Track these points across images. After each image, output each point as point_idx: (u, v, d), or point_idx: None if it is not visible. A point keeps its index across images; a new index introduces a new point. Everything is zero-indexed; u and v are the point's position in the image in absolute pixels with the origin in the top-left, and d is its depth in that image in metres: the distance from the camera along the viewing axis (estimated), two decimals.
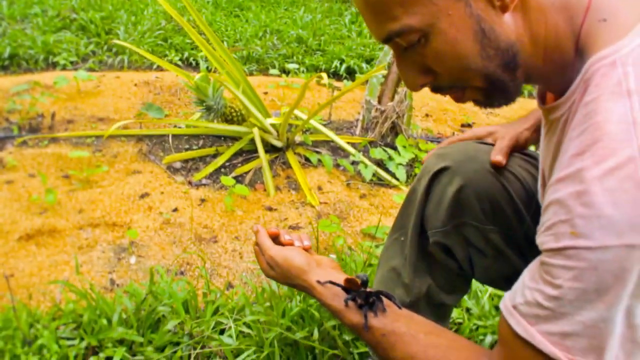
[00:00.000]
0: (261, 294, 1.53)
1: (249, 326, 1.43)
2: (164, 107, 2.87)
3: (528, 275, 0.69)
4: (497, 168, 0.98)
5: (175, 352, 1.37)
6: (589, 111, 0.64)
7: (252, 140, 2.47)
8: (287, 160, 2.46)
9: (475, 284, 1.63)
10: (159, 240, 1.92)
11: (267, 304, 1.47)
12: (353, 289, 0.91)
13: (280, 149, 2.52)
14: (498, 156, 0.99)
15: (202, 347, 1.40)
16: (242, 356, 1.32)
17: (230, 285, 1.74)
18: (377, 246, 1.85)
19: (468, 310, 1.56)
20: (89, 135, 2.56)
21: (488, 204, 0.97)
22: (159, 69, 3.54)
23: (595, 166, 0.60)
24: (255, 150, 2.42)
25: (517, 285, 0.71)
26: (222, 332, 1.44)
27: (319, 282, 0.95)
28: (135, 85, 3.13)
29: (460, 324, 1.51)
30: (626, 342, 0.63)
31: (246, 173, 2.37)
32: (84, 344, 1.37)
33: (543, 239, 0.66)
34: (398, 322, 0.86)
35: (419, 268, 1.08)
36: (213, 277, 1.77)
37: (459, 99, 0.78)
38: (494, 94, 0.76)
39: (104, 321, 1.40)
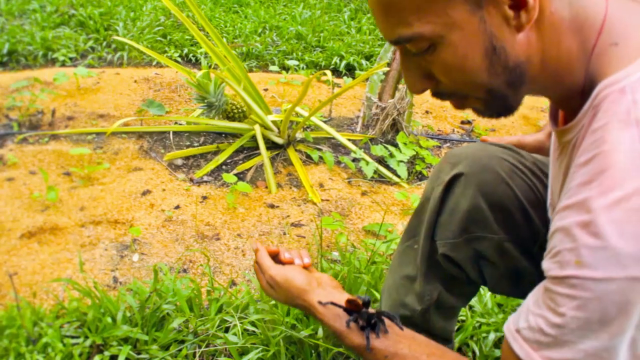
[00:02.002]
0: None
1: (253, 324, 1.43)
2: (164, 104, 2.86)
3: (532, 300, 0.69)
4: (511, 176, 0.98)
5: (180, 350, 1.38)
6: (597, 139, 0.63)
7: (253, 137, 2.46)
8: (288, 157, 2.46)
9: None
10: (161, 238, 1.92)
11: (272, 302, 1.47)
12: (355, 310, 0.91)
13: (281, 146, 2.52)
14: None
15: (207, 346, 1.40)
16: (249, 355, 1.32)
17: (233, 283, 1.74)
18: (380, 243, 1.85)
19: (471, 307, 1.57)
20: (89, 132, 2.56)
21: (501, 214, 0.97)
22: (159, 65, 3.52)
23: (602, 196, 0.60)
24: (256, 148, 2.42)
25: (522, 309, 0.71)
26: (226, 330, 1.44)
27: (320, 302, 0.96)
28: (135, 81, 3.12)
29: (463, 321, 1.52)
30: None
31: (247, 170, 2.37)
32: (88, 342, 1.37)
33: (549, 265, 0.66)
34: (400, 344, 0.86)
35: (430, 275, 1.07)
36: (216, 274, 1.77)
37: (459, 106, 0.77)
38: (494, 105, 0.75)
39: (109, 319, 1.40)
